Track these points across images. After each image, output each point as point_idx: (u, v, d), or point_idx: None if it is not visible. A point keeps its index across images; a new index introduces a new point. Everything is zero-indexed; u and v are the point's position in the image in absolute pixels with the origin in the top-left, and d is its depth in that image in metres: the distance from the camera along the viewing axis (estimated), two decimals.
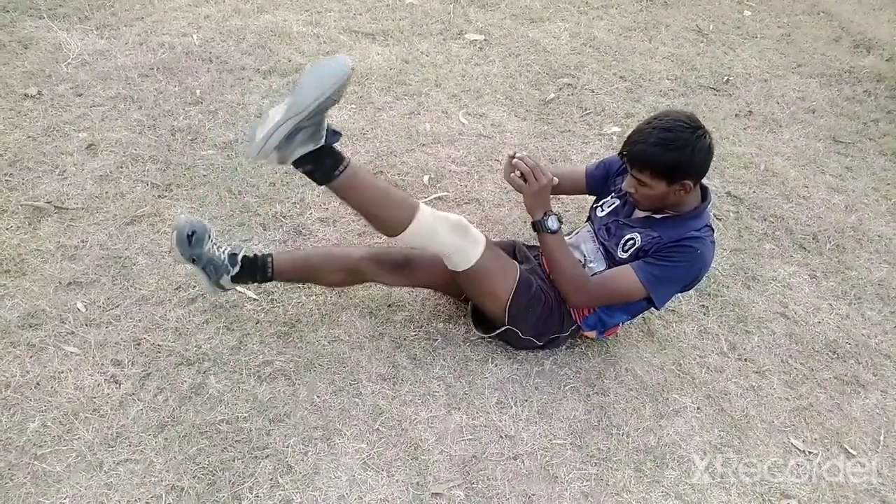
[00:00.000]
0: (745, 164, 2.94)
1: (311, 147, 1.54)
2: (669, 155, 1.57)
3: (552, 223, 1.72)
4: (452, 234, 1.72)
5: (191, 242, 1.73)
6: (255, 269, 1.84)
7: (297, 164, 1.57)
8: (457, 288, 1.93)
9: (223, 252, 1.81)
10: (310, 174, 1.60)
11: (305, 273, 1.91)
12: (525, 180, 1.70)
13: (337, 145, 1.60)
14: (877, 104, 3.53)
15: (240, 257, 1.82)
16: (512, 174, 1.72)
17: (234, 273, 1.81)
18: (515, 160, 1.70)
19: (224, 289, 1.85)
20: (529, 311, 1.85)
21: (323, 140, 1.55)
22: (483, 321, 1.97)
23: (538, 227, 1.74)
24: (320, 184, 1.62)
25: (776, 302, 2.32)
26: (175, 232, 1.72)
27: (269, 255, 1.86)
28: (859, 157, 3.13)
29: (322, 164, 1.57)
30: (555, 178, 1.71)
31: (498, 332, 1.91)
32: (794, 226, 2.66)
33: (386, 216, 1.67)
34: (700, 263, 1.71)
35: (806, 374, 2.10)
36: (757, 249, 2.53)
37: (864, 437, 1.94)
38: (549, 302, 1.87)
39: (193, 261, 1.76)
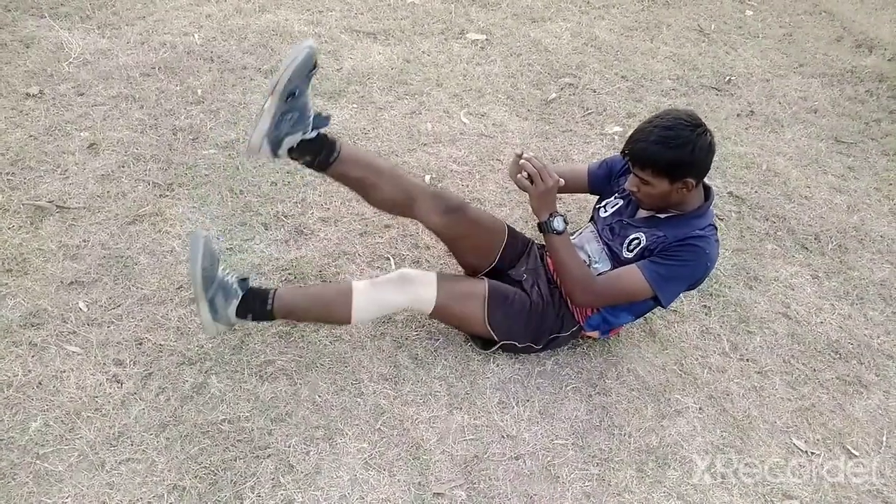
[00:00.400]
0: (746, 164, 2.94)
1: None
2: (670, 152, 1.58)
3: (558, 224, 1.72)
4: (398, 291, 1.75)
5: (311, 73, 1.65)
6: (321, 147, 1.74)
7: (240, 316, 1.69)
8: (489, 253, 1.94)
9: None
10: (252, 320, 1.72)
11: (368, 173, 1.80)
12: (531, 181, 1.70)
13: (259, 290, 1.74)
14: (879, 104, 3.53)
15: (310, 133, 1.71)
16: (519, 175, 1.72)
17: (292, 146, 1.69)
18: (522, 161, 1.70)
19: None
20: (514, 322, 1.86)
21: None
22: (481, 338, 1.97)
23: (544, 228, 1.74)
24: (269, 319, 1.75)
25: (778, 302, 2.32)
26: (306, 50, 1.61)
27: (337, 151, 1.76)
28: (861, 157, 3.13)
29: (253, 309, 1.70)
30: (561, 179, 1.71)
31: (496, 347, 1.92)
32: (796, 226, 2.65)
33: (330, 315, 1.78)
34: (706, 262, 1.71)
35: (808, 375, 2.10)
36: (759, 249, 2.52)
37: (866, 437, 1.94)
38: (535, 306, 1.87)
39: (294, 95, 1.64)
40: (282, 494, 1.58)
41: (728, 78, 3.55)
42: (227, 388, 1.77)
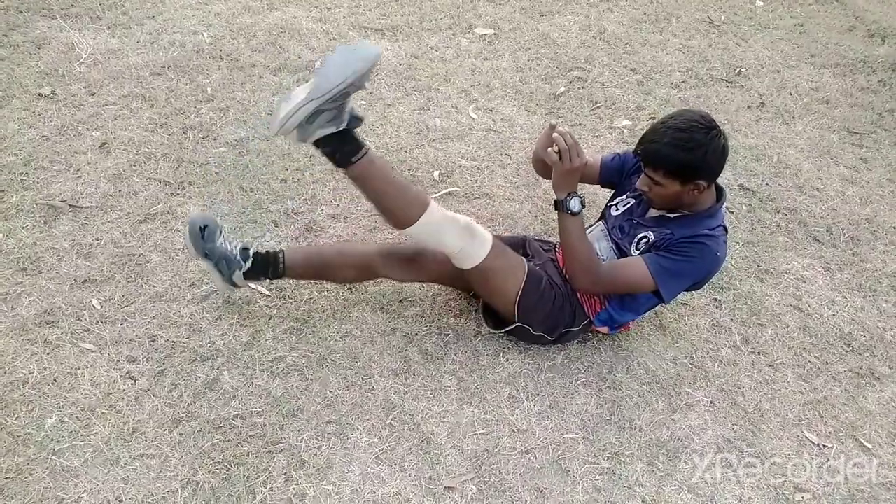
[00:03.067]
0: (757, 157, 2.92)
1: (331, 129, 1.54)
2: (683, 155, 1.57)
3: (574, 205, 1.71)
4: (459, 235, 1.74)
5: (203, 236, 1.78)
6: (266, 265, 1.85)
7: (317, 144, 1.59)
8: (466, 283, 1.94)
9: (235, 247, 1.83)
10: (328, 156, 1.62)
11: (317, 269, 1.92)
12: (560, 157, 1.67)
13: (358, 131, 1.61)
14: (892, 94, 3.49)
15: (251, 252, 1.84)
16: (549, 148, 1.69)
17: (246, 268, 1.83)
18: (556, 134, 1.66)
19: (237, 286, 1.87)
20: (539, 307, 1.85)
21: (344, 124, 1.56)
22: (494, 317, 1.97)
23: (560, 206, 1.72)
24: (338, 166, 1.63)
25: (790, 295, 2.31)
26: (188, 226, 1.77)
27: (281, 252, 1.87)
28: (874, 147, 3.10)
29: (341, 148, 1.59)
30: (589, 159, 1.71)
31: (509, 328, 1.91)
32: (807, 218, 2.63)
33: (396, 208, 1.69)
34: (711, 261, 1.70)
35: (820, 368, 2.08)
36: (770, 242, 2.51)
37: (879, 430, 1.93)
38: (559, 296, 1.87)
39: (206, 256, 1.79)
40: (294, 489, 1.59)
41: (738, 69, 3.52)
42: (239, 384, 1.78)
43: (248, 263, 1.83)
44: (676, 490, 1.71)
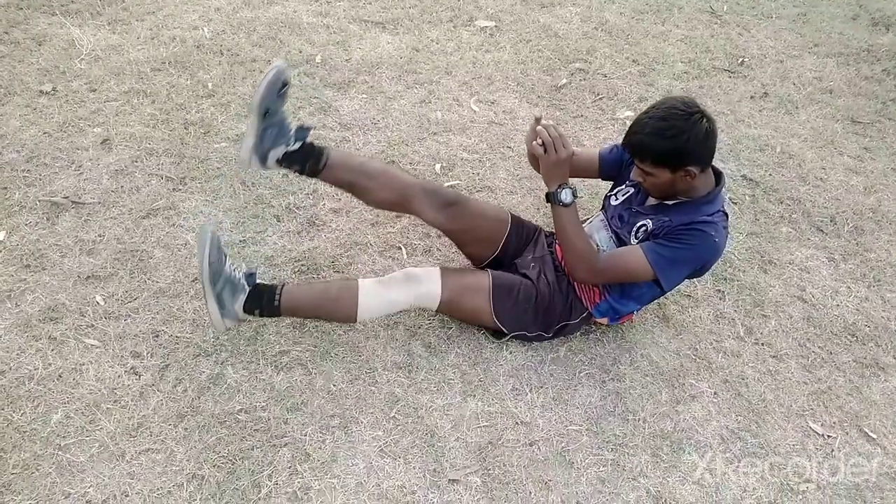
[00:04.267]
0: (760, 147, 2.91)
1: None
2: (665, 143, 1.56)
3: (565, 196, 1.70)
4: (404, 290, 1.78)
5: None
6: (308, 156, 1.81)
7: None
8: (492, 243, 1.97)
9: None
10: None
11: (359, 177, 1.85)
12: (545, 150, 1.67)
13: (264, 279, 1.79)
14: None
15: (293, 146, 1.80)
16: (534, 142, 1.68)
17: (248, 293, 1.73)
18: (539, 128, 1.66)
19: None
20: (521, 312, 1.86)
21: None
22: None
23: (551, 198, 1.72)
24: (276, 315, 1.78)
25: (793, 285, 2.30)
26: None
27: (325, 150, 1.83)
28: (878, 137, 3.08)
29: (260, 305, 1.73)
30: (576, 149, 1.71)
31: (506, 338, 1.94)
32: (811, 208, 2.62)
33: (336, 313, 1.81)
34: (711, 248, 1.69)
35: (824, 358, 2.08)
36: (773, 233, 2.50)
37: (884, 420, 1.93)
38: (542, 294, 1.88)
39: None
40: (299, 482, 1.60)
41: (741, 60, 3.51)
42: (243, 379, 1.79)
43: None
44: (681, 481, 1.71)
